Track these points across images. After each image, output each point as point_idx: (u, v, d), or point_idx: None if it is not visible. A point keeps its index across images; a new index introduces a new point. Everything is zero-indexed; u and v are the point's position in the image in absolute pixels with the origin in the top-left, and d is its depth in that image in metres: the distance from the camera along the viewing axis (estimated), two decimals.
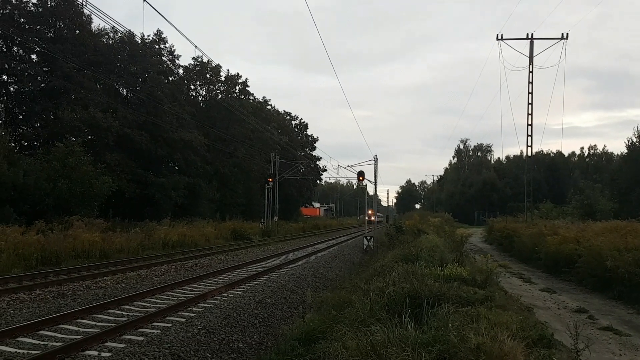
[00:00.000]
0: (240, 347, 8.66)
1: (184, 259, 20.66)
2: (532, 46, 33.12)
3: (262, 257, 22.60)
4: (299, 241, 36.85)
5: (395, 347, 4.75)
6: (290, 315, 11.32)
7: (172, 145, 40.43)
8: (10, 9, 35.82)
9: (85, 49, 37.38)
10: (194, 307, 11.10)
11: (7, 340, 7.93)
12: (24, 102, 36.36)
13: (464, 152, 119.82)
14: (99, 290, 12.92)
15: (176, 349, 7.75)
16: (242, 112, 50.32)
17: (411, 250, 13.14)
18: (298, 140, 77.09)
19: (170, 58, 46.72)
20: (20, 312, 10.09)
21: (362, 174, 33.27)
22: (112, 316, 10.13)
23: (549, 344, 5.96)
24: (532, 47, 33.11)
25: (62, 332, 8.74)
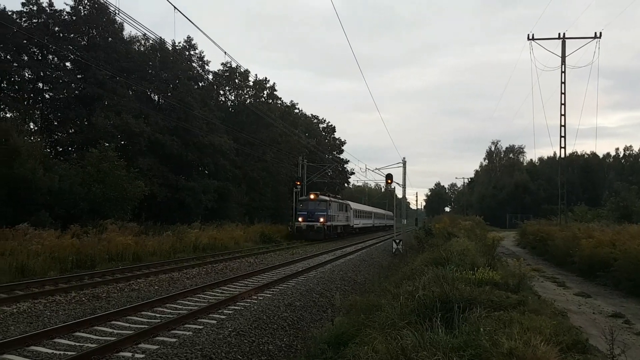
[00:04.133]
0: (270, 349, 8.71)
1: (214, 262, 20.91)
2: (564, 46, 32.48)
3: (291, 260, 22.68)
4: (327, 244, 36.84)
5: (426, 351, 4.72)
6: (319, 319, 11.34)
7: (202, 150, 41.04)
8: (45, 18, 36.99)
9: (117, 56, 38.29)
10: (225, 310, 11.22)
11: (44, 341, 8.15)
12: (59, 108, 37.46)
13: (495, 153, 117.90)
14: (132, 293, 13.18)
15: (208, 350, 7.85)
16: (270, 116, 50.71)
17: (441, 254, 13.00)
18: (325, 143, 77.20)
19: (200, 64, 47.52)
20: (56, 313, 10.35)
21: (390, 176, 33.09)
22: (145, 318, 10.32)
23: (583, 349, 5.83)
24: (564, 47, 32.47)
25: (97, 333, 8.95)
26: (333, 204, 41.53)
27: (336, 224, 42.59)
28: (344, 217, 45.90)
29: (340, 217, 44.14)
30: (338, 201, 44.67)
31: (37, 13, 36.71)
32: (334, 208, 41.83)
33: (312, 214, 38.43)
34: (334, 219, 41.50)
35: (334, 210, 41.76)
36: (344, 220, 45.84)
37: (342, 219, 45.05)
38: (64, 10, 37.88)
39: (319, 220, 38.16)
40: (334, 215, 41.73)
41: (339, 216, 44.01)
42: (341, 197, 54.63)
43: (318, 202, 39.28)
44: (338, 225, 43.41)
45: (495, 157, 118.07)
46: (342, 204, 46.15)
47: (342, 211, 45.63)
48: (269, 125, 52.23)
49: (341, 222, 44.84)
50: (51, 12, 37.25)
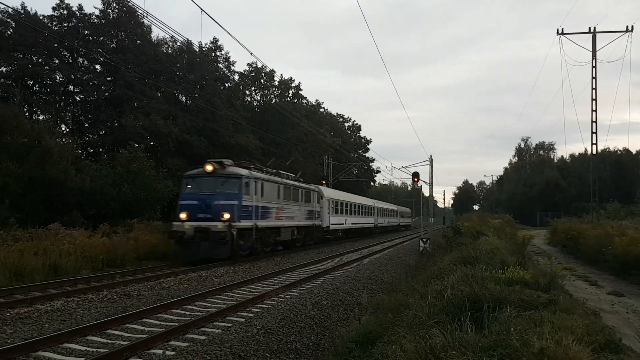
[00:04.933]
0: (298, 347, 8.75)
1: (242, 261, 21.08)
2: (595, 40, 31.74)
3: (317, 259, 22.72)
4: (353, 243, 36.79)
5: (455, 350, 4.67)
6: (346, 317, 11.33)
7: (228, 150, 41.43)
8: (75, 21, 37.89)
9: (145, 59, 38.96)
10: (253, 308, 11.32)
11: (77, 338, 8.34)
12: (90, 110, 38.32)
13: (525, 150, 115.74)
14: (162, 291, 13.40)
15: (236, 348, 7.93)
16: (296, 116, 50.91)
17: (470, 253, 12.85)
18: (351, 142, 77.09)
19: (226, 65, 47.98)
20: (88, 311, 10.59)
21: (416, 175, 32.86)
22: (175, 316, 10.48)
23: (617, 349, 5.70)
24: (594, 42, 31.74)
25: (129, 331, 9.12)
26: (266, 185, 22.56)
27: (279, 223, 24.42)
28: (304, 212, 28.37)
29: (293, 211, 26.38)
30: (285, 182, 25.68)
31: (67, 17, 37.64)
32: (269, 193, 23.03)
33: (207, 205, 19.73)
34: (268, 215, 22.90)
35: (270, 197, 23.16)
36: (303, 217, 28.21)
37: (298, 216, 27.38)
38: (93, 13, 38.76)
39: (220, 217, 19.41)
40: (270, 208, 23.13)
41: (290, 210, 25.79)
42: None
43: (221, 178, 20.47)
44: (285, 227, 25.28)
45: (525, 154, 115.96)
46: (301, 190, 28.11)
47: (300, 202, 27.63)
48: (295, 125, 52.45)
49: (297, 219, 27.00)
50: (81, 16, 38.13)
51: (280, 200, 24.34)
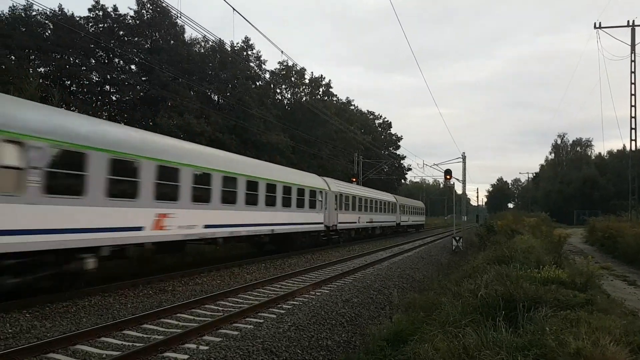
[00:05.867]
0: (329, 345, 8.77)
1: (273, 258, 21.22)
2: (634, 33, 30.71)
3: (348, 257, 22.70)
4: (384, 241, 36.58)
5: (489, 350, 4.61)
6: (377, 316, 11.29)
7: (259, 148, 41.82)
8: (110, 22, 38.82)
9: (179, 58, 39.67)
10: (284, 304, 11.40)
11: (114, 332, 8.56)
12: (125, 110, 39.25)
13: (562, 147, 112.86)
14: (196, 287, 13.61)
15: (268, 344, 8.00)
16: (326, 113, 50.95)
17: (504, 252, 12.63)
18: (382, 139, 76.69)
19: (257, 63, 48.36)
20: (125, 307, 10.83)
21: (449, 172, 32.43)
22: (208, 311, 10.64)
23: None
24: (633, 35, 30.75)
25: (163, 325, 9.31)
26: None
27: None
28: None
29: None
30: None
31: (102, 18, 38.59)
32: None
33: None
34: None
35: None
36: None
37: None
38: (127, 14, 39.63)
39: None
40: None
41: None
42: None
43: None
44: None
45: (561, 151, 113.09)
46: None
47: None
48: (325, 123, 52.49)
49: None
50: (116, 17, 39.07)
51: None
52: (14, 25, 34.96)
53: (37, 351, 7.16)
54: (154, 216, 13.15)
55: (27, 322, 8.96)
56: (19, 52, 34.53)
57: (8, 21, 35.14)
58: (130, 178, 12.33)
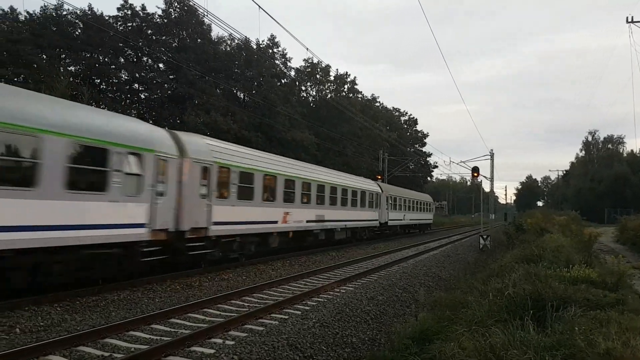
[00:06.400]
0: (354, 342, 8.76)
1: (298, 255, 21.30)
2: None
3: (373, 255, 22.63)
4: (409, 239, 36.35)
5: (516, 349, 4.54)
6: (402, 314, 11.23)
7: (284, 145, 41.98)
8: (138, 21, 39.43)
9: (206, 57, 40.06)
10: (309, 301, 11.43)
11: (142, 327, 8.70)
12: (154, 108, 39.87)
13: (593, 144, 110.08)
14: (222, 282, 13.76)
15: (293, 340, 8.03)
16: (351, 111, 50.83)
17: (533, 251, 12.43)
18: (407, 136, 76.13)
19: (282, 61, 48.50)
20: (153, 301, 11.00)
21: (476, 169, 32.00)
22: (234, 306, 10.74)
23: None
24: None
25: (190, 320, 9.43)
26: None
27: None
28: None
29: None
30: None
31: (131, 17, 39.22)
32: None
33: None
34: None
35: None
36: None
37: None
38: (155, 13, 40.21)
39: None
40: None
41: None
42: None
43: None
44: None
45: (592, 148, 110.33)
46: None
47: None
48: (350, 120, 52.36)
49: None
50: (144, 16, 39.66)
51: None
52: (45, 25, 35.81)
53: (68, 344, 7.32)
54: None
55: (58, 315, 9.19)
56: (50, 51, 35.37)
57: (39, 21, 36.02)
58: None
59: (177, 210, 13.45)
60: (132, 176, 11.73)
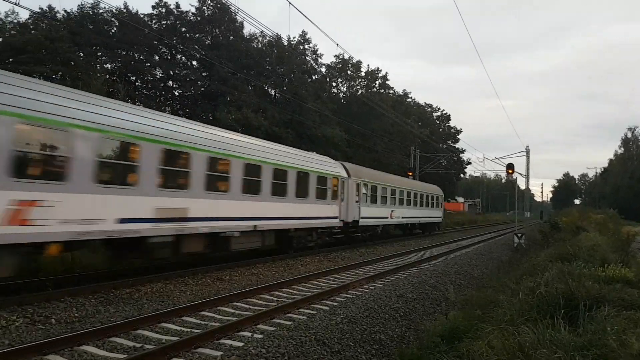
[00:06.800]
0: (382, 338, 8.72)
1: (327, 251, 21.33)
2: None
3: (403, 252, 22.48)
4: (441, 237, 35.93)
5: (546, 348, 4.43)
6: (432, 312, 11.11)
7: (314, 142, 42.03)
8: (173, 19, 40.07)
9: (238, 54, 40.44)
10: (337, 297, 11.44)
11: (174, 319, 8.87)
12: (187, 105, 40.49)
13: (632, 140, 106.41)
14: (252, 277, 13.91)
15: (321, 335, 8.05)
16: (382, 107, 50.49)
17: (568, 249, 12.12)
18: (440, 132, 75.15)
19: (313, 57, 48.53)
20: (184, 294, 11.21)
21: (511, 166, 31.39)
22: (263, 301, 10.84)
23: None
24: None
25: (220, 313, 9.56)
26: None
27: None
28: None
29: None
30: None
31: (165, 15, 39.89)
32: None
33: None
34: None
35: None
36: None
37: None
38: (189, 11, 40.78)
39: None
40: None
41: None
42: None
43: None
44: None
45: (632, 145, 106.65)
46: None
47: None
48: (381, 116, 52.01)
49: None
50: (178, 14, 40.29)
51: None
52: (82, 23, 36.75)
53: (101, 335, 7.52)
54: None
55: (92, 307, 9.44)
56: (87, 48, 36.29)
57: (77, 19, 36.98)
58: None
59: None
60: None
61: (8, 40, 31.66)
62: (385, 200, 27.48)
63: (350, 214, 22.69)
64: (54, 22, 34.88)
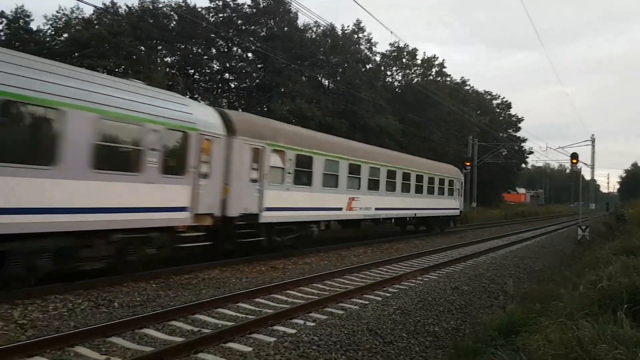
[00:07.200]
0: (436, 331, 8.61)
1: (380, 242, 21.24)
2: None
3: (459, 244, 22.06)
4: (501, 229, 34.98)
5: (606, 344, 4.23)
6: (489, 305, 10.87)
7: (368, 132, 41.67)
8: (229, 12, 40.78)
9: (292, 45, 40.63)
10: (389, 288, 11.39)
11: (229, 305, 9.11)
12: (243, 96, 41.19)
13: None
14: (305, 266, 14.08)
15: (373, 325, 8.05)
16: (438, 95, 49.39)
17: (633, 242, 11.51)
18: (499, 121, 72.70)
19: (367, 46, 48.09)
20: (240, 281, 11.49)
21: (575, 156, 30.10)
22: (315, 289, 10.95)
23: None
24: None
25: (274, 300, 9.74)
26: None
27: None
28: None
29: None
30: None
31: (222, 8, 40.63)
32: None
33: None
34: None
35: None
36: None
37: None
38: (245, 3, 41.34)
39: None
40: None
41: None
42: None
43: None
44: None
45: None
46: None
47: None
48: (437, 104, 50.89)
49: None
50: (234, 6, 40.91)
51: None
52: (143, 17, 38.00)
53: (161, 319, 7.84)
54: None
55: (153, 291, 9.85)
56: (148, 42, 37.51)
57: (138, 13, 38.30)
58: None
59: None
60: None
61: (74, 35, 33.14)
62: (335, 181, 17.67)
63: (236, 203, 13.07)
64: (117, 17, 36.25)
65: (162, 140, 10.63)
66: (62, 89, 8.80)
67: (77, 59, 29.79)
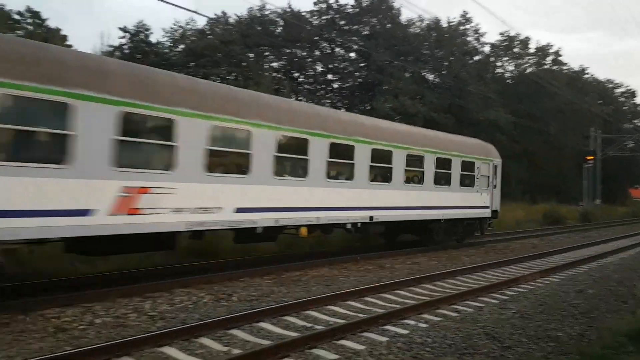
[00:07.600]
0: (559, 336, 8.04)
1: (493, 242, 20.34)
2: None
3: (581, 244, 20.49)
4: (629, 227, 31.95)
5: None
6: (617, 309, 9.96)
7: (476, 126, 40.13)
8: (332, 13, 41.35)
9: (395, 41, 40.31)
10: (506, 290, 10.84)
11: (339, 302, 9.18)
12: (345, 96, 41.57)
13: None
14: (413, 266, 13.84)
15: (490, 329, 7.70)
16: (554, 85, 46.23)
17: None
18: (624, 111, 66.52)
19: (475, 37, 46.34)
20: (348, 279, 11.57)
21: None
22: (426, 290, 10.71)
23: None
24: None
25: (383, 300, 9.66)
26: None
27: None
28: None
29: None
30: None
31: (325, 10, 41.31)
32: None
33: None
34: None
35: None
36: None
37: None
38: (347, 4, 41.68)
39: None
40: None
41: None
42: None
43: None
44: None
45: None
46: None
47: None
48: (553, 95, 47.68)
49: None
50: (337, 8, 41.41)
51: None
52: (251, 25, 39.74)
53: (275, 313, 8.09)
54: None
55: (267, 287, 10.23)
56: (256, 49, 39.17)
57: (247, 22, 40.10)
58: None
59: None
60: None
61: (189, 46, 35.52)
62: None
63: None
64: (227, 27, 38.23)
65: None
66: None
67: (193, 69, 31.84)
